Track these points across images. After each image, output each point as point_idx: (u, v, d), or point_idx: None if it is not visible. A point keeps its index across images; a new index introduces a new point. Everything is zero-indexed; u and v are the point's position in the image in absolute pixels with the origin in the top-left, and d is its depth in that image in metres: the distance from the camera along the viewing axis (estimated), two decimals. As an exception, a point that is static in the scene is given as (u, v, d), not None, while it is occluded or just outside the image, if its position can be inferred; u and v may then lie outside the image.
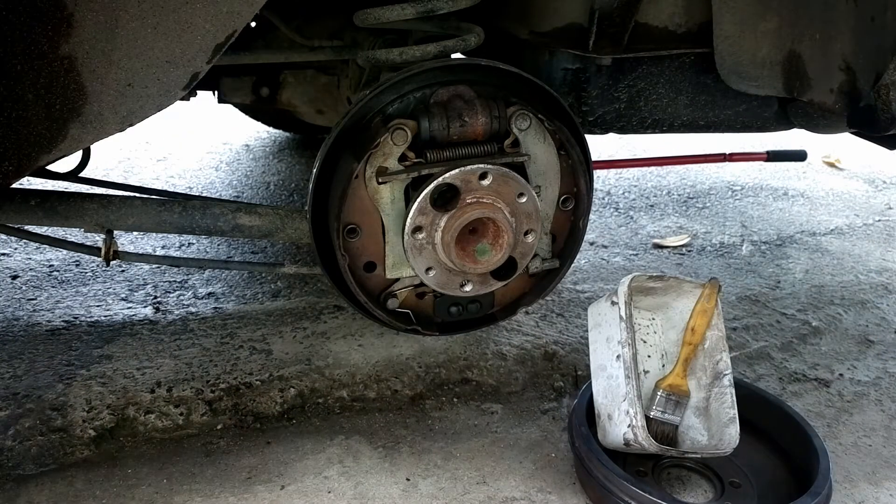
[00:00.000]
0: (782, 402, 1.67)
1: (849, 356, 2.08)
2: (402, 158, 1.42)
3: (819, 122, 1.83)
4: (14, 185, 1.29)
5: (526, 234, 1.50)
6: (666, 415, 1.52)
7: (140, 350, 1.84)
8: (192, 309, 2.05)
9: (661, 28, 1.66)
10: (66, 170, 1.89)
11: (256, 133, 3.60)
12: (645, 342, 1.61)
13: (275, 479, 1.50)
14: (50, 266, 2.25)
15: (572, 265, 1.67)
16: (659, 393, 1.53)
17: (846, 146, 3.60)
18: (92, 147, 1.74)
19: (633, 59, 1.76)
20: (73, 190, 1.88)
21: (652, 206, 3.05)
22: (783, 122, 1.90)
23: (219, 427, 1.65)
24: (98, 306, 2.05)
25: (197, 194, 2.85)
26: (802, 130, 1.94)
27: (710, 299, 1.54)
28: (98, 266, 2.25)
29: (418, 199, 1.40)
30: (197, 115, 3.45)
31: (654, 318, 1.62)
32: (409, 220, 1.42)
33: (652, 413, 1.52)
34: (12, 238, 2.30)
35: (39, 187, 1.64)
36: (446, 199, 1.43)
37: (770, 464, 1.56)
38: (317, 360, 1.83)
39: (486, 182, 1.42)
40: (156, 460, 1.54)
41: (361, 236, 1.48)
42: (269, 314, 2.04)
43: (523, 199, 1.46)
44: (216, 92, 2.37)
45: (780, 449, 1.58)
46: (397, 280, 1.55)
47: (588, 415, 1.53)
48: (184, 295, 2.13)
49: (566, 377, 1.88)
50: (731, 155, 2.47)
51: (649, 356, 1.60)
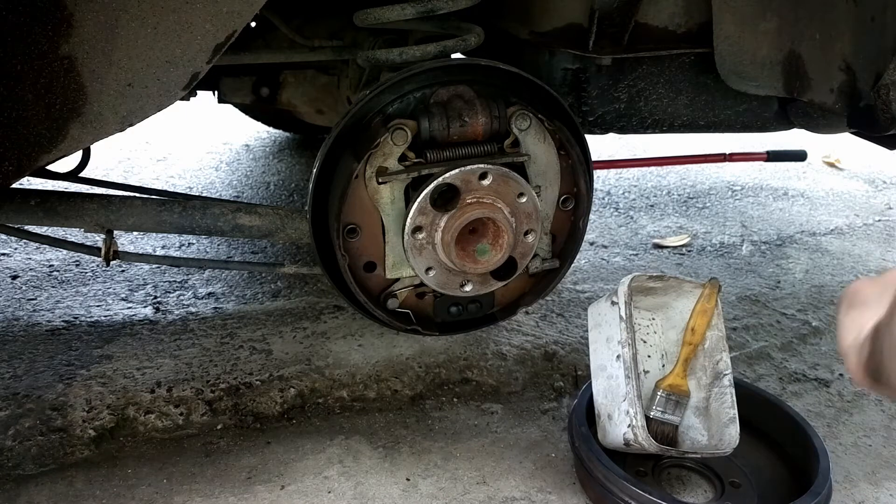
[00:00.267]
0: (782, 402, 1.67)
1: (849, 356, 2.08)
2: (402, 158, 1.42)
3: (819, 122, 1.83)
4: (14, 185, 1.29)
5: (526, 234, 1.50)
6: (666, 415, 1.52)
7: (140, 350, 1.84)
8: (192, 309, 2.05)
9: (661, 28, 1.66)
10: (66, 170, 1.89)
11: (256, 133, 3.59)
12: (645, 342, 1.61)
13: (275, 479, 1.50)
14: (50, 266, 2.25)
15: (572, 265, 1.67)
16: (659, 393, 1.53)
17: (846, 146, 3.60)
18: (92, 147, 1.74)
19: (633, 59, 1.76)
20: (73, 190, 1.88)
21: (652, 206, 3.05)
22: (783, 122, 1.90)
23: (219, 427, 1.65)
24: (98, 306, 2.04)
25: (197, 194, 2.85)
26: (802, 130, 1.94)
27: (710, 299, 1.54)
28: (98, 266, 2.25)
29: (418, 199, 1.40)
30: (197, 115, 3.45)
31: (654, 318, 1.62)
32: (409, 220, 1.42)
33: (652, 413, 1.52)
34: (12, 238, 2.30)
35: (39, 187, 1.64)
36: (446, 199, 1.43)
37: (770, 464, 1.56)
38: (317, 360, 1.83)
39: (486, 182, 1.42)
40: (156, 460, 1.54)
41: (361, 236, 1.48)
42: (269, 314, 2.04)
43: (523, 199, 1.47)
44: (216, 92, 2.36)
45: (780, 449, 1.58)
46: (397, 280, 1.55)
47: (588, 415, 1.53)
48: (184, 295, 2.13)
49: (566, 377, 1.88)
50: (731, 155, 2.47)
51: (649, 356, 1.60)
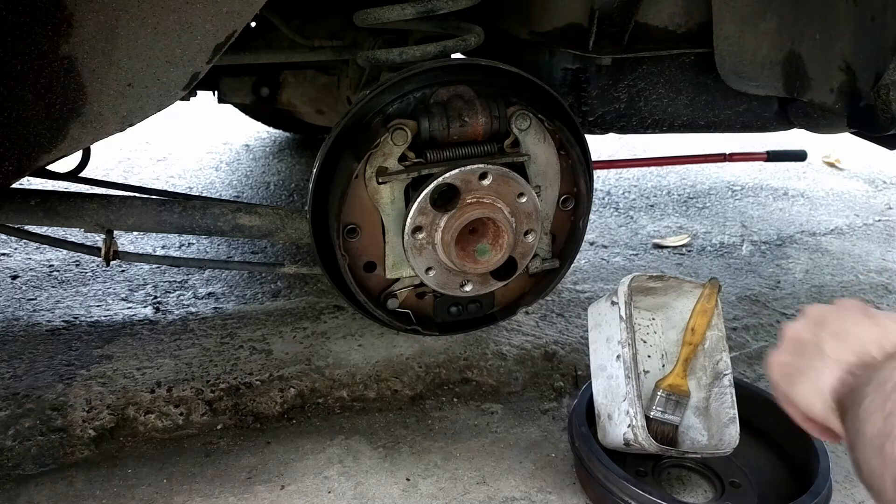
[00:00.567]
0: (782, 402, 1.67)
1: (849, 356, 2.07)
2: (402, 158, 1.42)
3: (819, 122, 1.83)
4: (14, 185, 1.29)
5: (526, 234, 1.50)
6: (666, 415, 1.52)
7: (140, 350, 1.84)
8: (192, 309, 2.05)
9: (661, 28, 1.66)
10: (66, 170, 1.89)
11: (256, 133, 3.59)
12: (645, 342, 1.61)
13: (275, 479, 1.50)
14: (50, 266, 2.25)
15: (572, 265, 1.67)
16: (659, 393, 1.53)
17: (846, 146, 3.59)
18: (92, 147, 1.74)
19: (633, 59, 1.76)
20: (73, 190, 1.88)
21: (652, 206, 3.05)
22: (783, 122, 1.90)
23: (219, 427, 1.65)
24: (98, 306, 2.04)
25: (197, 194, 2.85)
26: (802, 130, 1.94)
27: (710, 299, 1.54)
28: (98, 266, 2.25)
29: (418, 199, 1.40)
30: (197, 115, 3.45)
31: (654, 318, 1.62)
32: (409, 220, 1.42)
33: (652, 413, 1.52)
34: (12, 238, 2.30)
35: (39, 187, 1.64)
36: (446, 199, 1.43)
37: (770, 464, 1.56)
38: (317, 360, 1.83)
39: (486, 182, 1.42)
40: (156, 460, 1.54)
41: (361, 236, 1.48)
42: (269, 314, 2.04)
43: (523, 199, 1.46)
44: (216, 92, 2.36)
45: (780, 449, 1.57)
46: (397, 280, 1.55)
47: (588, 415, 1.53)
48: (184, 295, 2.12)
49: (566, 377, 1.88)
50: (731, 155, 2.47)
51: (649, 356, 1.60)
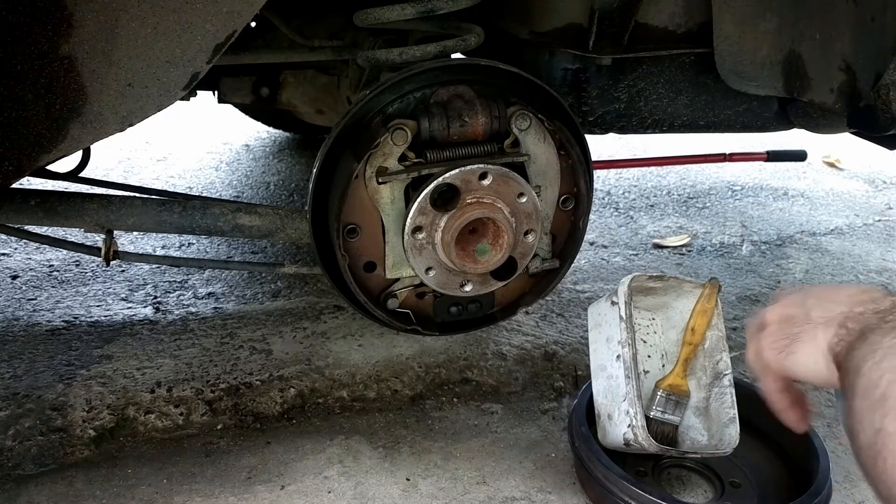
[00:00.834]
0: (782, 402, 1.66)
1: (849, 356, 2.07)
2: (402, 158, 1.42)
3: (819, 122, 1.83)
4: (14, 185, 1.29)
5: (526, 234, 1.50)
6: (666, 415, 1.52)
7: (140, 350, 1.84)
8: (192, 309, 2.05)
9: (661, 28, 1.66)
10: (66, 170, 1.89)
11: (256, 133, 3.59)
12: (645, 342, 1.60)
13: (275, 479, 1.50)
14: (50, 266, 2.25)
15: (572, 265, 1.67)
16: (659, 393, 1.53)
17: (846, 146, 3.60)
18: (92, 147, 1.74)
19: (633, 59, 1.76)
20: (73, 190, 1.88)
21: (652, 206, 3.05)
22: (783, 122, 1.90)
23: (219, 427, 1.65)
24: (98, 306, 2.04)
25: (197, 194, 2.85)
26: (802, 130, 1.94)
27: (710, 299, 1.54)
28: (98, 266, 2.25)
29: (418, 199, 1.40)
30: (197, 115, 3.45)
31: (654, 318, 1.62)
32: (409, 220, 1.42)
33: (652, 413, 1.52)
34: (12, 238, 2.30)
35: (39, 187, 1.64)
36: (446, 199, 1.43)
37: (770, 464, 1.56)
38: (317, 360, 1.83)
39: (486, 182, 1.42)
40: (156, 460, 1.54)
41: (361, 236, 1.48)
42: (269, 314, 2.04)
43: (523, 199, 1.46)
44: (216, 92, 2.36)
45: (780, 449, 1.57)
46: (397, 280, 1.55)
47: (588, 415, 1.52)
48: (184, 295, 2.12)
49: (566, 377, 1.88)
50: (731, 155, 2.47)
51: (649, 356, 1.60)
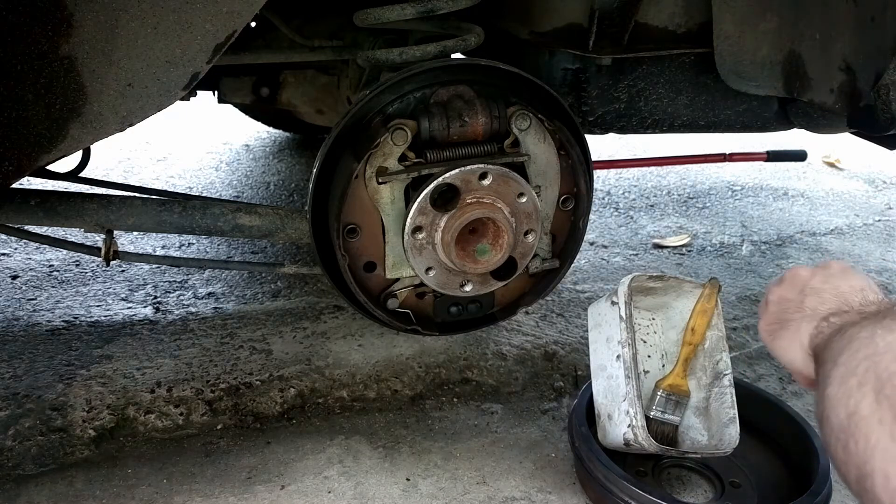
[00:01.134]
0: (782, 402, 1.67)
1: (849, 356, 2.07)
2: (402, 158, 1.42)
3: (819, 122, 1.83)
4: (14, 185, 1.29)
5: (526, 234, 1.50)
6: (666, 415, 1.52)
7: (140, 350, 1.84)
8: (192, 309, 2.05)
9: (661, 28, 1.66)
10: (66, 170, 1.89)
11: (256, 133, 3.59)
12: (645, 342, 1.60)
13: (275, 479, 1.50)
14: (50, 266, 2.25)
15: (572, 265, 1.67)
16: (659, 393, 1.53)
17: (846, 146, 3.60)
18: (92, 147, 1.74)
19: (633, 59, 1.76)
20: (73, 190, 1.88)
21: (652, 206, 3.05)
22: (783, 122, 1.90)
23: (219, 427, 1.65)
24: (98, 306, 2.04)
25: (197, 194, 2.85)
26: (802, 130, 1.94)
27: (710, 299, 1.54)
28: (98, 266, 2.25)
29: (418, 199, 1.40)
30: (197, 115, 3.45)
31: (654, 318, 1.62)
32: (409, 220, 1.42)
33: (652, 413, 1.52)
34: (12, 238, 2.30)
35: (39, 187, 1.64)
36: (446, 199, 1.43)
37: (770, 464, 1.56)
38: (317, 360, 1.83)
39: (486, 182, 1.42)
40: (156, 460, 1.54)
41: (361, 236, 1.48)
42: (269, 314, 2.04)
43: (523, 199, 1.46)
44: (216, 92, 2.36)
45: (780, 449, 1.57)
46: (397, 280, 1.55)
47: (588, 415, 1.53)
48: (184, 295, 2.12)
49: (566, 377, 1.88)
50: (731, 155, 2.47)
51: (649, 356, 1.60)
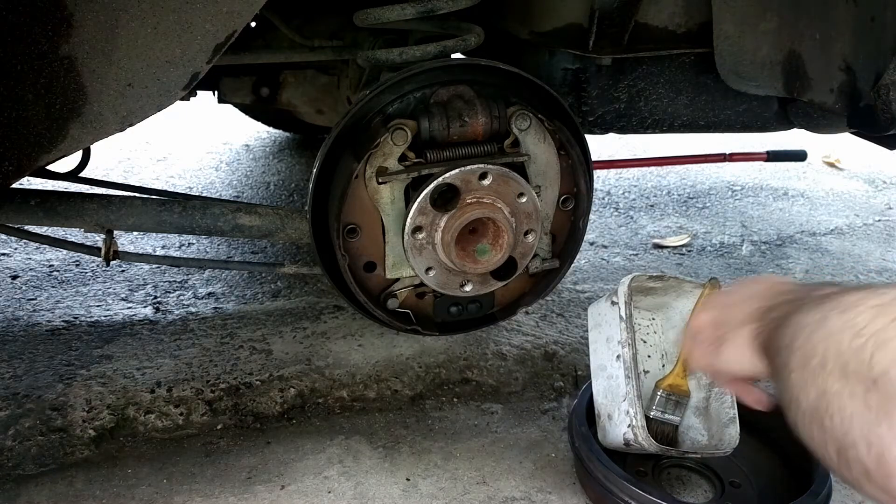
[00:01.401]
0: (782, 402, 1.66)
1: (849, 356, 2.07)
2: (402, 158, 1.42)
3: (819, 122, 1.83)
4: (14, 185, 1.29)
5: (526, 234, 1.50)
6: (666, 415, 1.52)
7: (140, 350, 1.84)
8: (192, 309, 2.05)
9: (661, 28, 1.66)
10: (66, 170, 1.89)
11: (256, 133, 3.59)
12: (645, 342, 1.60)
13: (275, 479, 1.50)
14: (50, 266, 2.25)
15: (572, 265, 1.67)
16: (659, 393, 1.53)
17: (846, 146, 3.60)
18: (92, 147, 1.74)
19: (633, 59, 1.76)
20: (73, 190, 1.87)
21: (652, 206, 3.05)
22: (783, 122, 1.90)
23: (219, 427, 1.65)
24: (98, 306, 2.04)
25: (197, 194, 2.85)
26: (802, 130, 1.94)
27: (711, 299, 1.54)
28: (98, 266, 2.25)
29: (418, 199, 1.40)
30: (197, 115, 3.45)
31: (654, 318, 1.62)
32: (409, 220, 1.42)
33: (652, 413, 1.52)
34: (12, 238, 2.30)
35: (39, 187, 1.64)
36: (446, 199, 1.43)
37: (770, 464, 1.56)
38: (317, 360, 1.83)
39: (486, 182, 1.42)
40: (156, 460, 1.54)
41: (361, 236, 1.48)
42: (269, 314, 2.04)
43: (523, 199, 1.46)
44: (216, 92, 2.36)
45: (780, 449, 1.57)
46: (397, 280, 1.55)
47: (588, 415, 1.53)
48: (184, 295, 2.12)
49: (566, 377, 1.88)
50: (731, 155, 2.48)
51: (649, 356, 1.60)
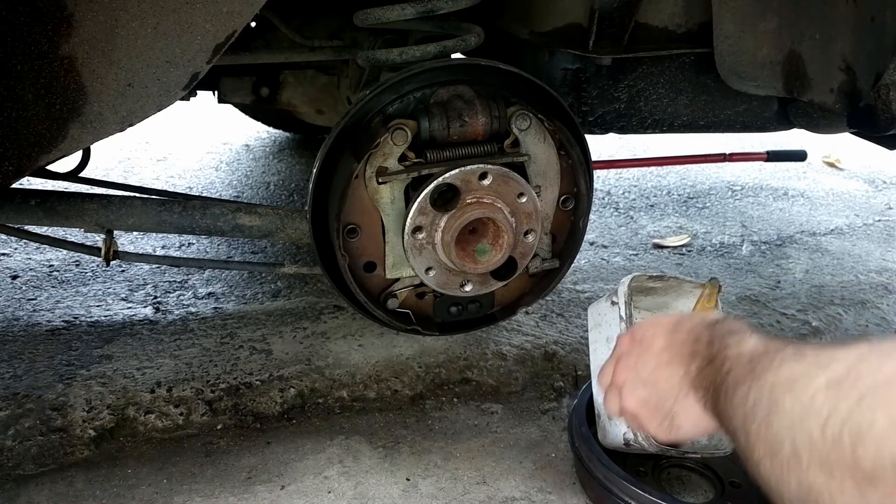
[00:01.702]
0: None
1: (849, 356, 2.07)
2: (402, 158, 1.42)
3: (819, 122, 1.83)
4: (14, 185, 1.29)
5: (526, 234, 1.50)
6: (666, 415, 1.52)
7: (140, 350, 1.84)
8: (192, 309, 2.05)
9: (661, 28, 1.66)
10: (66, 170, 1.89)
11: (256, 133, 3.59)
12: (645, 342, 1.60)
13: (275, 479, 1.50)
14: (50, 266, 2.25)
15: (572, 265, 1.67)
16: (659, 393, 1.53)
17: (846, 146, 3.60)
18: (92, 147, 1.74)
19: (633, 59, 1.76)
20: (73, 190, 1.88)
21: (652, 206, 3.05)
22: (783, 122, 1.90)
23: (219, 427, 1.65)
24: (98, 306, 2.04)
25: (197, 194, 2.85)
26: (802, 130, 1.94)
27: (710, 299, 1.54)
28: (98, 266, 2.25)
29: (418, 199, 1.40)
30: (197, 115, 3.45)
31: (654, 318, 1.62)
32: (409, 220, 1.42)
33: (652, 413, 1.52)
34: (12, 238, 2.30)
35: (39, 187, 1.64)
36: (446, 199, 1.43)
37: (770, 464, 1.56)
38: (317, 360, 1.83)
39: (486, 182, 1.42)
40: (156, 460, 1.54)
41: (361, 236, 1.48)
42: (269, 314, 2.04)
43: (523, 199, 1.46)
44: (216, 92, 2.36)
45: (780, 449, 1.57)
46: (397, 280, 1.55)
47: (588, 415, 1.53)
48: (184, 295, 2.12)
49: (566, 377, 1.88)
50: (731, 155, 2.48)
51: (649, 356, 1.60)
